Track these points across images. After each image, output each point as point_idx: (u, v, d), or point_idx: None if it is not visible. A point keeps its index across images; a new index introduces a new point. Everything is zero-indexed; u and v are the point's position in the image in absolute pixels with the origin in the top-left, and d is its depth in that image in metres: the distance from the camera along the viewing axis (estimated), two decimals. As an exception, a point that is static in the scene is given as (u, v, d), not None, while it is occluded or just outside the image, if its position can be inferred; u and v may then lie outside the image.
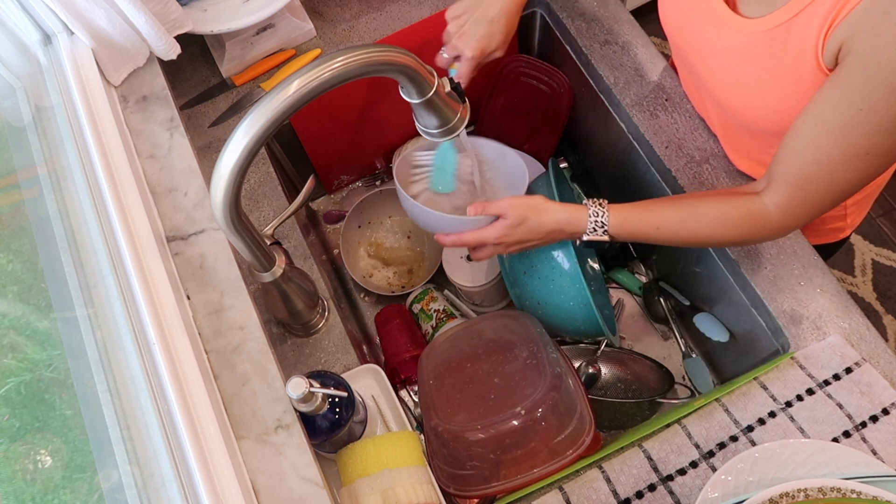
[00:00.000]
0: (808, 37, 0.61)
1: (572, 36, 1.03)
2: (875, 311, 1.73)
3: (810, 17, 0.60)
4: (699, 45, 0.75)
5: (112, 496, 0.61)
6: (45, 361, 0.71)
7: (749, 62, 0.68)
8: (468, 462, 0.74)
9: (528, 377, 0.78)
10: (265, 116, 0.55)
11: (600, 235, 0.77)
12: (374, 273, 1.17)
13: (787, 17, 0.63)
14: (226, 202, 0.59)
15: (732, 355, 0.97)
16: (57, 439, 0.67)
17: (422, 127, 0.75)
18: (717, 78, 0.75)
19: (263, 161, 0.97)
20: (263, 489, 0.65)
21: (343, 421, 0.72)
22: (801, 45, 0.62)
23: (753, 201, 0.70)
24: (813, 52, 0.61)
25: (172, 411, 0.63)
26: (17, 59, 0.86)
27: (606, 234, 0.77)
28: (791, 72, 0.64)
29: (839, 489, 0.59)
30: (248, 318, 0.73)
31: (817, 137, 0.62)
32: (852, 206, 0.92)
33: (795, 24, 0.62)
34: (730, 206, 0.72)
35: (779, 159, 0.68)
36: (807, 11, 0.61)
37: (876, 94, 0.56)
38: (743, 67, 0.70)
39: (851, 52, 0.57)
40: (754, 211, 0.70)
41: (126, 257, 0.71)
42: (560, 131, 1.16)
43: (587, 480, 0.73)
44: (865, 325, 0.79)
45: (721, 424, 0.75)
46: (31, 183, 0.82)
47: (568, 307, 0.89)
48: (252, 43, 1.00)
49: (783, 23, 0.63)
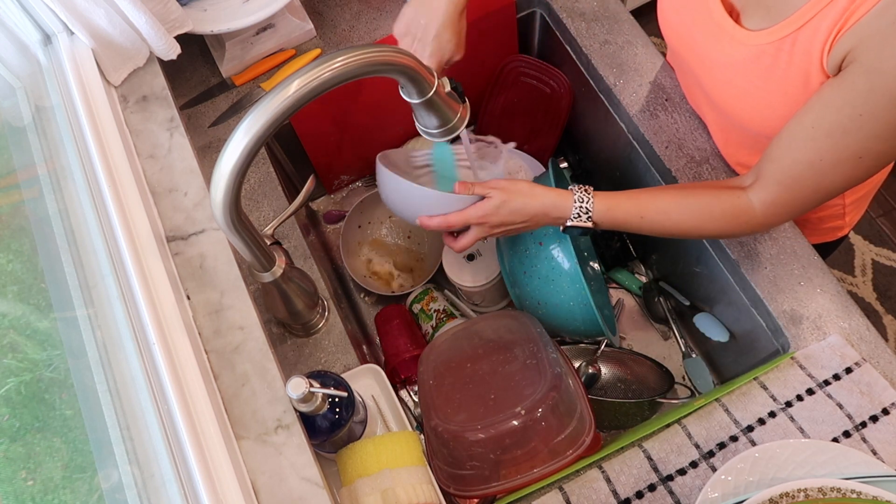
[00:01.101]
0: (814, 48, 0.61)
1: (572, 36, 1.03)
2: (875, 311, 1.73)
3: (815, 29, 0.61)
4: (703, 56, 0.76)
5: (112, 496, 0.61)
6: (45, 361, 0.71)
7: (754, 74, 0.69)
8: (468, 462, 0.74)
9: (528, 377, 0.78)
10: (265, 116, 0.55)
11: (584, 222, 0.76)
12: (374, 273, 1.17)
13: (793, 28, 0.63)
14: (226, 202, 0.59)
15: (732, 355, 0.97)
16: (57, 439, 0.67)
17: (422, 127, 0.75)
18: (721, 89, 0.75)
19: (263, 161, 0.97)
20: (263, 489, 0.65)
21: (343, 421, 0.72)
22: (807, 57, 0.62)
23: (739, 196, 0.71)
24: (818, 62, 0.62)
25: (172, 411, 0.63)
26: (17, 59, 0.86)
27: (590, 221, 0.76)
28: (798, 82, 0.65)
29: (839, 489, 0.59)
30: (248, 318, 0.73)
31: (814, 139, 0.63)
32: (851, 205, 0.92)
33: (801, 35, 0.62)
34: (715, 200, 0.73)
35: (770, 157, 0.68)
36: (812, 23, 0.61)
37: (878, 100, 0.57)
38: (748, 79, 0.70)
39: (856, 60, 0.58)
40: (738, 206, 0.71)
41: (126, 257, 0.71)
42: (560, 131, 1.16)
43: (587, 480, 0.73)
44: (865, 325, 0.79)
45: (721, 424, 0.75)
46: (31, 183, 0.82)
47: (568, 307, 0.89)
48: (252, 43, 1.00)
49: (788, 35, 0.64)
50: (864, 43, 0.56)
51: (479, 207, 0.78)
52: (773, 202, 0.69)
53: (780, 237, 0.85)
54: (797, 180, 0.66)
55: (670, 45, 0.83)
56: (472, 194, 0.78)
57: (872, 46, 0.56)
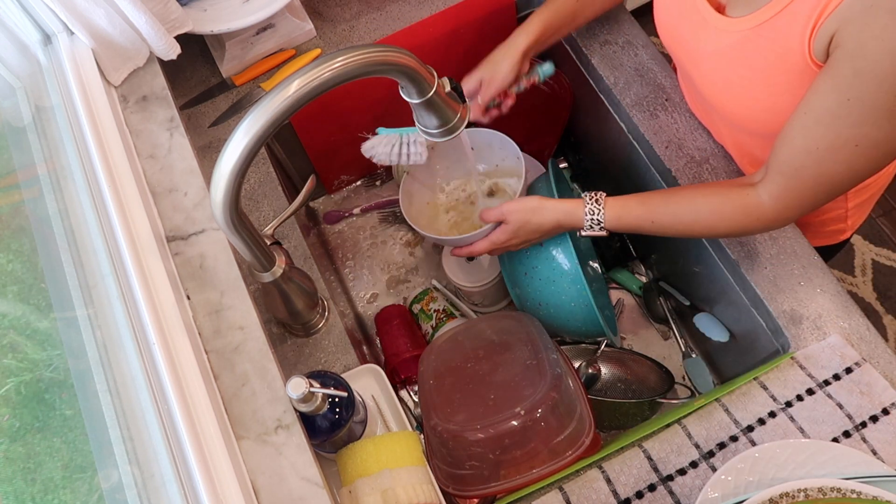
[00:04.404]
0: (794, 33, 0.62)
1: (572, 36, 1.03)
2: (875, 311, 1.73)
3: (794, 13, 0.61)
4: (691, 50, 0.76)
5: (112, 496, 0.61)
6: (45, 361, 0.71)
7: (737, 62, 0.69)
8: (468, 462, 0.74)
9: (528, 377, 0.78)
10: (265, 116, 0.55)
11: (597, 231, 0.80)
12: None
13: (772, 13, 0.64)
14: (226, 202, 0.59)
15: (732, 355, 0.97)
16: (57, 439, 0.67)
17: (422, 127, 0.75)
18: (708, 81, 0.76)
19: (263, 161, 0.97)
20: (263, 489, 0.65)
21: (343, 421, 0.72)
22: (786, 42, 0.63)
23: (748, 194, 0.71)
24: (800, 48, 0.62)
25: (172, 411, 0.63)
26: (17, 59, 0.86)
27: (603, 230, 0.79)
28: (778, 68, 0.65)
29: (839, 489, 0.59)
30: (248, 318, 0.73)
31: (805, 127, 0.63)
32: (853, 209, 0.92)
33: (780, 20, 0.63)
34: (725, 199, 0.73)
35: (774, 150, 0.68)
36: (791, 7, 0.62)
37: (863, 84, 0.57)
38: (732, 68, 0.70)
39: (840, 44, 0.58)
40: (749, 203, 0.71)
41: (126, 257, 0.70)
42: (560, 131, 1.16)
43: (587, 480, 0.73)
44: (865, 325, 0.79)
45: (721, 424, 0.75)
46: (31, 183, 0.82)
47: (569, 308, 0.89)
48: (252, 43, 1.00)
49: (768, 19, 0.64)
50: (846, 27, 0.57)
51: (501, 232, 0.86)
52: (779, 195, 0.69)
53: (780, 237, 0.85)
54: (798, 170, 0.66)
55: (666, 44, 0.83)
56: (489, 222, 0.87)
57: (853, 30, 0.56)
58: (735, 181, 0.75)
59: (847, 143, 0.61)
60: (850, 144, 0.61)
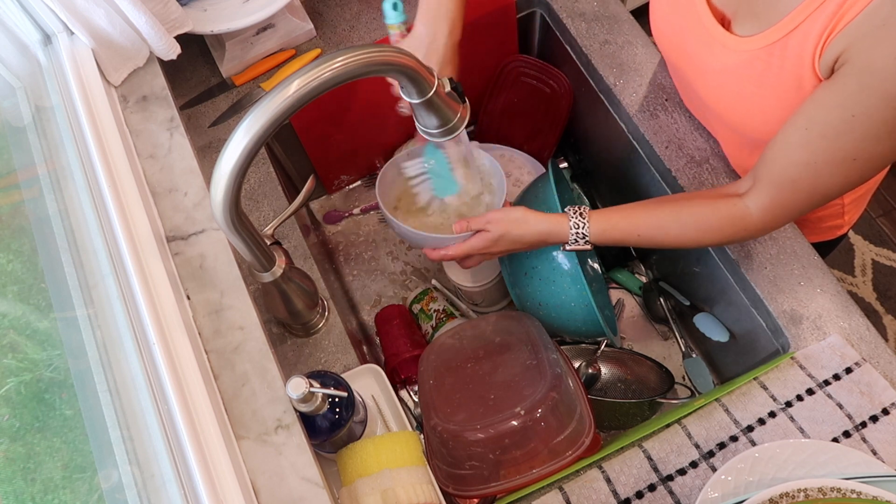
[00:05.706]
0: (805, 52, 0.62)
1: (572, 36, 1.03)
2: (875, 311, 1.73)
3: (806, 33, 0.61)
4: (696, 64, 0.76)
5: (112, 496, 0.61)
6: (45, 361, 0.71)
7: (747, 79, 0.69)
8: (467, 462, 0.74)
9: (528, 377, 0.78)
10: (265, 116, 0.55)
11: (582, 245, 0.80)
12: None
13: (783, 33, 0.63)
14: (226, 202, 0.59)
15: (732, 355, 0.97)
16: (57, 439, 0.67)
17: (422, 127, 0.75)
18: (715, 95, 0.76)
19: (263, 161, 0.97)
20: (263, 489, 0.65)
21: (343, 421, 0.72)
22: (799, 61, 0.63)
23: (735, 204, 0.71)
24: (810, 65, 0.62)
25: (172, 411, 0.63)
26: (17, 59, 0.86)
27: (588, 244, 0.80)
28: (791, 86, 0.65)
29: (839, 489, 0.59)
30: (248, 318, 0.73)
31: (808, 141, 0.63)
32: (850, 204, 0.92)
33: (791, 39, 0.63)
34: (711, 210, 0.73)
35: (765, 160, 0.68)
36: (802, 27, 0.61)
37: (870, 100, 0.57)
38: (742, 85, 0.70)
39: (848, 61, 0.58)
40: (735, 214, 0.71)
41: (126, 257, 0.70)
42: (560, 131, 1.16)
43: (587, 480, 0.73)
44: (865, 325, 0.79)
45: (721, 424, 0.75)
46: (31, 183, 0.82)
47: (569, 308, 0.89)
48: (252, 43, 1.00)
49: (779, 40, 0.64)
50: (855, 45, 0.57)
51: (479, 239, 0.84)
52: (769, 206, 0.69)
53: (779, 237, 0.85)
54: (793, 182, 0.66)
55: (663, 52, 0.83)
56: (469, 231, 0.84)
57: (863, 48, 0.56)
58: (720, 191, 0.75)
59: (846, 158, 0.61)
60: (848, 159, 0.62)
